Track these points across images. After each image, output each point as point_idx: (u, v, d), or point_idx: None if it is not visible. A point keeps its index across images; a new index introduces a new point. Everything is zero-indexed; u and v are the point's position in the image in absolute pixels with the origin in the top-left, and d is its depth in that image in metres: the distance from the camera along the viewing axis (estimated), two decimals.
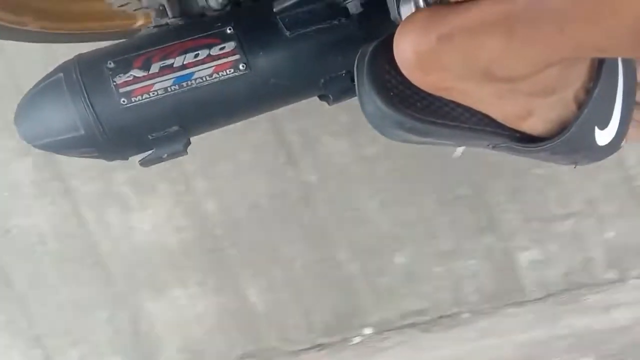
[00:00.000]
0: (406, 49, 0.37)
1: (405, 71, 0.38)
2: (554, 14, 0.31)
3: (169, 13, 0.48)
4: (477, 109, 0.40)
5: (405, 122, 0.40)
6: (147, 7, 0.50)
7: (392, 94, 0.39)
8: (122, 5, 0.55)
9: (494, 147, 0.43)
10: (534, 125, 0.40)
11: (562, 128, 0.39)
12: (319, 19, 0.46)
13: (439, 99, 0.40)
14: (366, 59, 0.40)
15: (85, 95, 0.41)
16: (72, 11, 0.62)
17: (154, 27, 0.53)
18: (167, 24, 0.51)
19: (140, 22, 0.69)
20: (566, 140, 0.39)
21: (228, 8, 0.48)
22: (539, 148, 0.40)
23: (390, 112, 0.39)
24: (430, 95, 0.40)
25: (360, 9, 0.44)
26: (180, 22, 0.49)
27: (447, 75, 0.37)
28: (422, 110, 0.40)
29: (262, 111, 0.51)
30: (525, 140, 0.41)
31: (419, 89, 0.39)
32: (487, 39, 0.34)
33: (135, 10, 0.56)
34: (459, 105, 0.40)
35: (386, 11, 0.43)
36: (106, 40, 0.67)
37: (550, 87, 0.37)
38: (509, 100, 0.38)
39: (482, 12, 0.34)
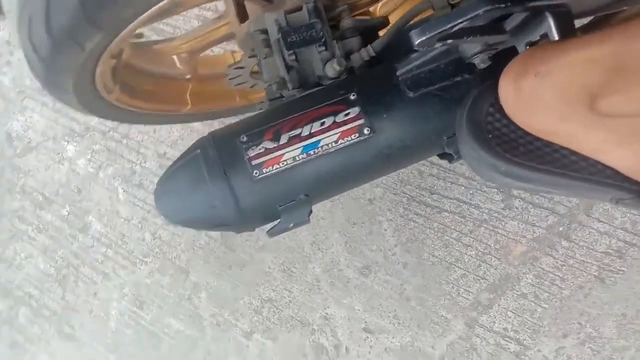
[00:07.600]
0: (507, 88, 0.37)
1: (507, 111, 0.38)
2: None
3: (289, 85, 0.49)
4: (596, 159, 0.37)
5: (500, 165, 0.38)
6: (266, 82, 0.52)
7: (490, 136, 0.39)
8: (239, 84, 0.58)
9: (617, 202, 0.39)
10: None
11: None
12: (442, 77, 0.45)
13: (551, 145, 0.38)
14: (468, 103, 0.40)
15: (222, 170, 0.42)
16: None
17: (269, 100, 0.54)
18: (281, 96, 0.53)
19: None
20: None
21: (344, 75, 0.49)
22: None
23: (483, 153, 0.39)
24: (538, 139, 0.38)
25: (488, 63, 0.43)
26: (297, 94, 0.50)
27: (550, 114, 0.36)
28: (524, 154, 0.38)
29: (384, 173, 0.49)
30: None
31: (526, 133, 0.38)
32: (588, 72, 0.33)
33: (251, 87, 0.59)
34: (574, 153, 0.37)
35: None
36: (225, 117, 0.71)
37: None
38: (629, 148, 0.35)
39: (580, 48, 0.33)
